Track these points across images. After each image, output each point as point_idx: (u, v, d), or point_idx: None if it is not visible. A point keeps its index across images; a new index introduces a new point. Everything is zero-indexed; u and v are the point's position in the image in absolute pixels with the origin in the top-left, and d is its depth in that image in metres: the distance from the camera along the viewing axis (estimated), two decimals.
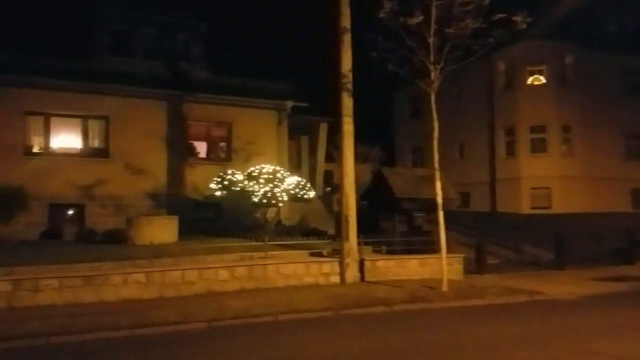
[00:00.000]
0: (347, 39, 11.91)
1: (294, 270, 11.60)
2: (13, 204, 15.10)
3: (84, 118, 16.64)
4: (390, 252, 13.14)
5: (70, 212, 16.15)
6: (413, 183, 13.48)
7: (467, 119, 25.62)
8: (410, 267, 12.53)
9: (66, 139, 16.63)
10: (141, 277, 10.38)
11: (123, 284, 10.19)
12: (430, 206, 11.91)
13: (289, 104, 18.63)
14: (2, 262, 10.51)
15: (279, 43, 23.85)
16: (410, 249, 13.10)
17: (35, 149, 16.27)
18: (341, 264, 11.83)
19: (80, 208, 16.17)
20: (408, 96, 29.34)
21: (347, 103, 11.93)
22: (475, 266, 13.92)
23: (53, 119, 16.33)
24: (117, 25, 17.78)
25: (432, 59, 10.70)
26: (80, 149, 16.75)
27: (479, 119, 25.54)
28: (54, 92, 15.92)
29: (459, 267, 12.71)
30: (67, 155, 16.47)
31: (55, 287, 9.70)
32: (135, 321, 8.27)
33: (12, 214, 15.11)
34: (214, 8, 22.26)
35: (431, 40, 10.57)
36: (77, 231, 15.23)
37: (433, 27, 10.49)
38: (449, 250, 11.10)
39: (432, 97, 10.97)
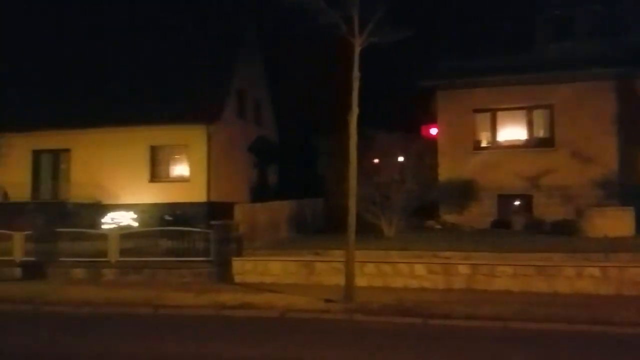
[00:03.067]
0: None
1: None
2: (465, 195, 16.62)
3: (528, 109, 16.78)
4: None
5: (518, 202, 16.55)
6: None
7: None
8: None
9: (511, 131, 17.15)
10: (596, 271, 9.67)
11: (577, 277, 9.69)
12: None
13: None
14: (460, 247, 11.69)
15: None
16: None
17: (483, 144, 17.42)
18: None
19: (527, 199, 16.38)
20: None
21: None
22: None
23: (498, 114, 17.13)
24: (558, 10, 17.14)
25: None
26: (525, 140, 16.95)
27: None
28: (499, 87, 16.65)
29: None
30: (512, 147, 16.96)
31: (510, 274, 10.03)
32: (592, 317, 7.77)
33: (465, 204, 16.64)
34: None
35: None
36: (525, 221, 15.48)
37: None
38: None
39: None
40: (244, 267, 11.58)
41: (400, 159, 14.92)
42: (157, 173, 20.09)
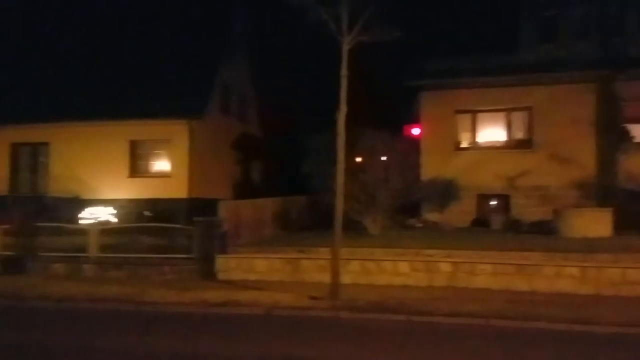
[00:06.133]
0: None
1: None
2: (446, 194, 16.78)
3: (508, 111, 16.99)
4: None
5: (496, 202, 16.81)
6: None
7: None
8: None
9: (491, 132, 17.39)
10: (575, 271, 9.91)
11: (555, 276, 9.92)
12: None
13: None
14: (441, 245, 11.83)
15: None
16: None
17: (464, 144, 17.61)
18: None
19: (505, 198, 16.64)
20: None
21: None
22: None
23: (479, 115, 17.34)
24: (544, 12, 17.32)
25: None
26: (504, 141, 17.20)
27: None
28: (480, 89, 16.86)
29: None
30: (491, 148, 17.16)
31: (490, 273, 10.23)
32: (571, 316, 7.94)
33: (445, 203, 16.79)
34: None
35: None
36: (504, 221, 15.72)
37: None
38: None
39: None
40: (227, 265, 11.53)
41: (383, 158, 15.00)
42: (136, 168, 19.86)
